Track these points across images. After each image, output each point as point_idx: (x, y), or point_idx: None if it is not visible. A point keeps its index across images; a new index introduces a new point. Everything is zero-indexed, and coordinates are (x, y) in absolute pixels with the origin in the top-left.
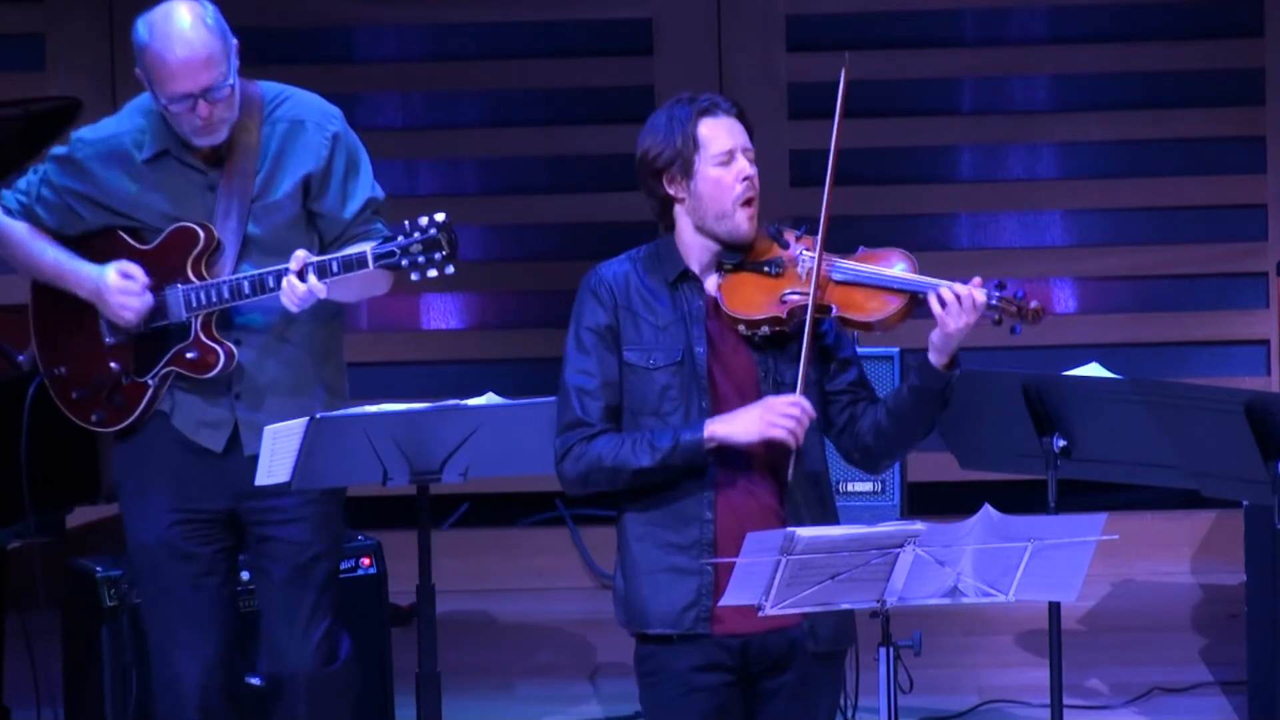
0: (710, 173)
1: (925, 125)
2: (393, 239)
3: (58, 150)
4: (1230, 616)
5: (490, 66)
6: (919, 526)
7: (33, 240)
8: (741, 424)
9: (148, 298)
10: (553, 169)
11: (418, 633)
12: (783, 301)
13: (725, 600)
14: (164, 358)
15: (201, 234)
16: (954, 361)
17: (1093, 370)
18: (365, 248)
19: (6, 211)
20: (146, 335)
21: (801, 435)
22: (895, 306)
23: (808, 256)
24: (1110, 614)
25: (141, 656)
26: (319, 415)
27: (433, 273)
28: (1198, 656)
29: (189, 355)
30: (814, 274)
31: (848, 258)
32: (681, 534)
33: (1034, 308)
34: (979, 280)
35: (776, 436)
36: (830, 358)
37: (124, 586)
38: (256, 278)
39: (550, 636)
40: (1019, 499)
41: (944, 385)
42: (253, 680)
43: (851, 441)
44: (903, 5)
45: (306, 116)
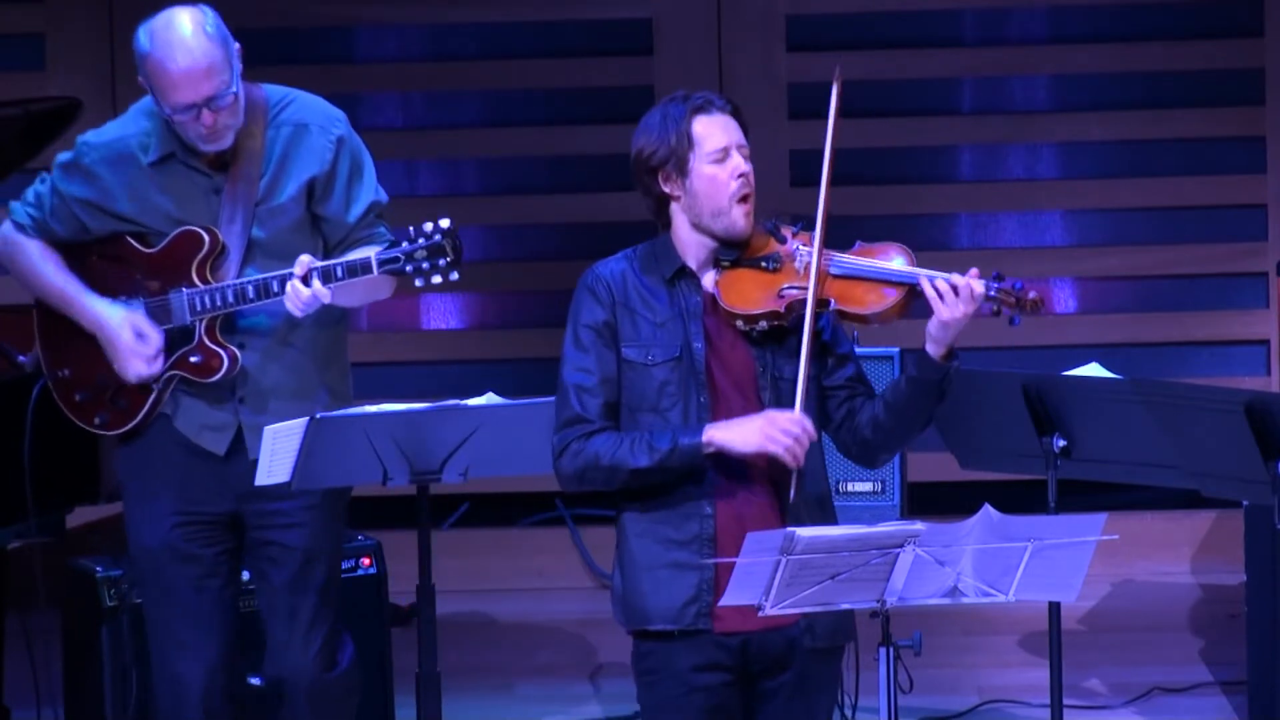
0: (705, 170)
1: (925, 125)
2: (398, 245)
3: (63, 157)
4: (1230, 616)
5: (490, 66)
6: (919, 526)
7: (43, 264)
8: (741, 433)
9: (158, 365)
10: (553, 169)
11: (418, 633)
12: (781, 296)
13: (725, 600)
14: (168, 361)
15: (206, 238)
16: (951, 353)
17: (1093, 370)
18: (370, 253)
19: (18, 228)
20: None
21: (801, 456)
22: (894, 299)
23: (805, 251)
24: (1110, 614)
25: (141, 656)
26: (319, 415)
27: (437, 279)
28: (1198, 656)
29: (193, 359)
30: (813, 268)
31: (845, 252)
32: (681, 530)
33: (1032, 298)
34: (976, 271)
35: (775, 452)
36: (828, 354)
37: (124, 586)
38: (261, 282)
39: (550, 636)
40: (1019, 499)
41: (941, 377)
42: (253, 680)
43: (850, 436)
44: (903, 5)
45: (311, 120)
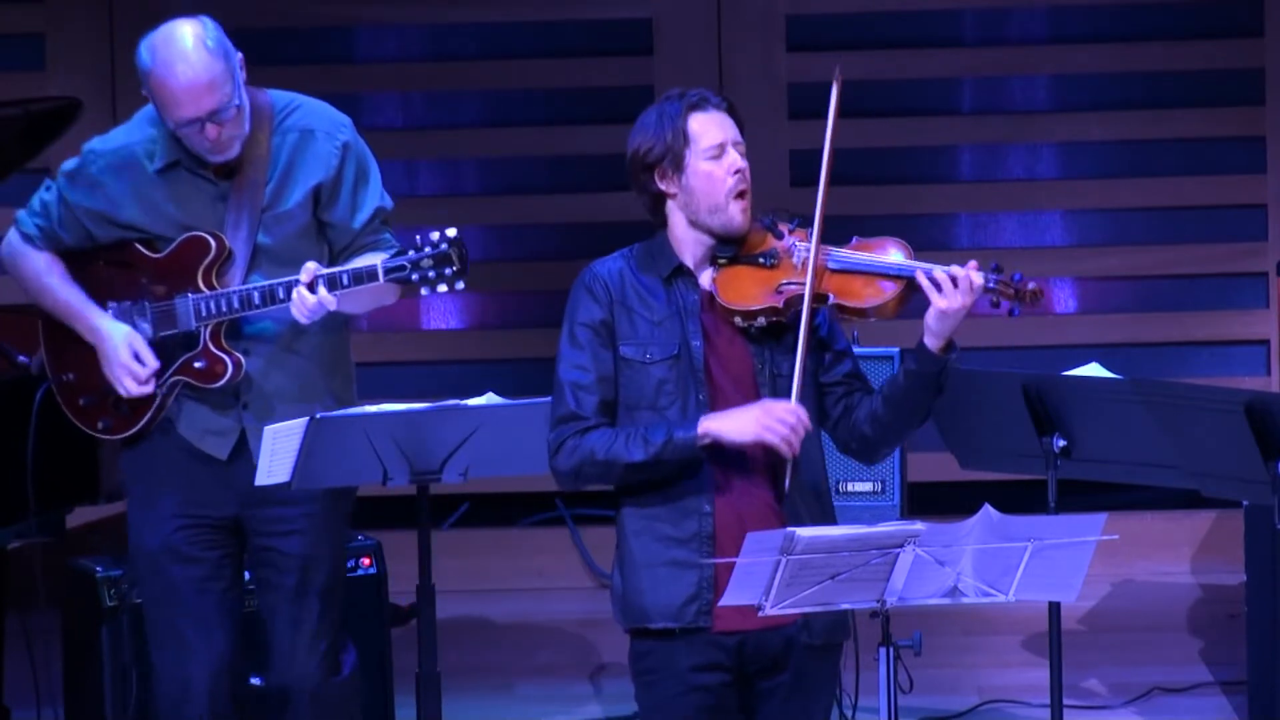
0: (701, 167)
1: (925, 125)
2: (404, 253)
3: (69, 165)
4: (1230, 616)
5: (490, 66)
6: (919, 526)
7: (48, 275)
8: (736, 423)
9: (149, 388)
10: (553, 169)
11: (418, 633)
12: (779, 292)
13: (725, 600)
14: (172, 366)
15: (213, 243)
16: (950, 346)
17: (1093, 370)
18: (376, 261)
19: (25, 238)
20: (155, 344)
21: (797, 445)
22: (892, 292)
23: (802, 247)
24: (1110, 614)
25: (141, 656)
26: (319, 415)
27: (443, 287)
28: (1198, 656)
29: (197, 364)
30: (811, 262)
31: (842, 247)
32: (680, 527)
33: (1031, 289)
34: (975, 263)
35: (770, 442)
36: (825, 350)
37: (124, 586)
38: (267, 288)
39: (550, 636)
40: (1019, 499)
41: (940, 370)
42: (253, 681)
43: (848, 432)
44: (903, 5)
45: (316, 126)
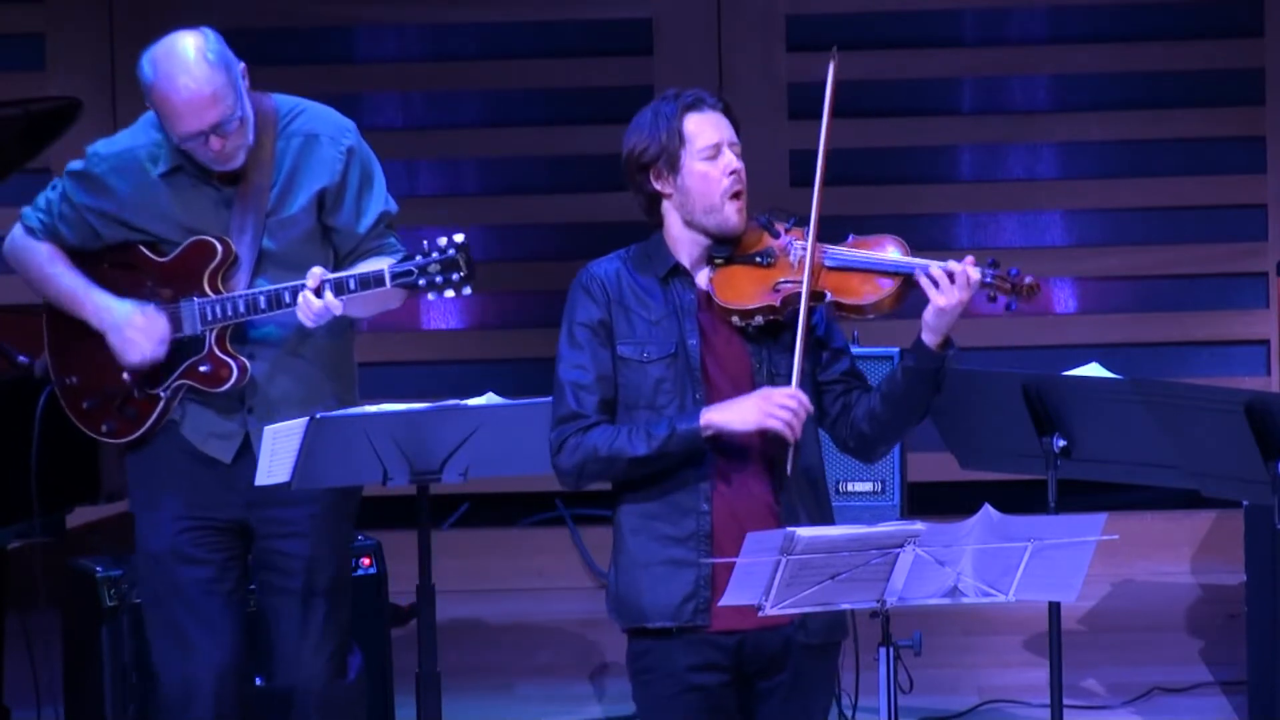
0: (697, 167)
1: (925, 125)
2: (411, 258)
3: (74, 166)
4: (1230, 616)
5: (490, 66)
6: (919, 526)
7: (51, 264)
8: (738, 412)
9: (161, 351)
10: (553, 169)
11: (418, 633)
12: (776, 290)
13: (725, 600)
14: (177, 370)
15: (219, 248)
16: (947, 342)
17: (1093, 370)
18: (383, 266)
19: (29, 231)
20: None
21: (799, 429)
22: (889, 288)
23: (799, 245)
24: (1110, 614)
25: (141, 656)
26: (319, 415)
27: (450, 292)
28: (1198, 656)
29: (202, 369)
30: (808, 260)
31: (839, 245)
32: (678, 526)
33: (1028, 283)
34: (972, 259)
35: (773, 427)
36: (822, 348)
37: (124, 586)
38: (273, 293)
39: (550, 636)
40: (1019, 499)
41: (938, 366)
42: (256, 681)
43: (846, 430)
44: (903, 5)
45: (321, 130)
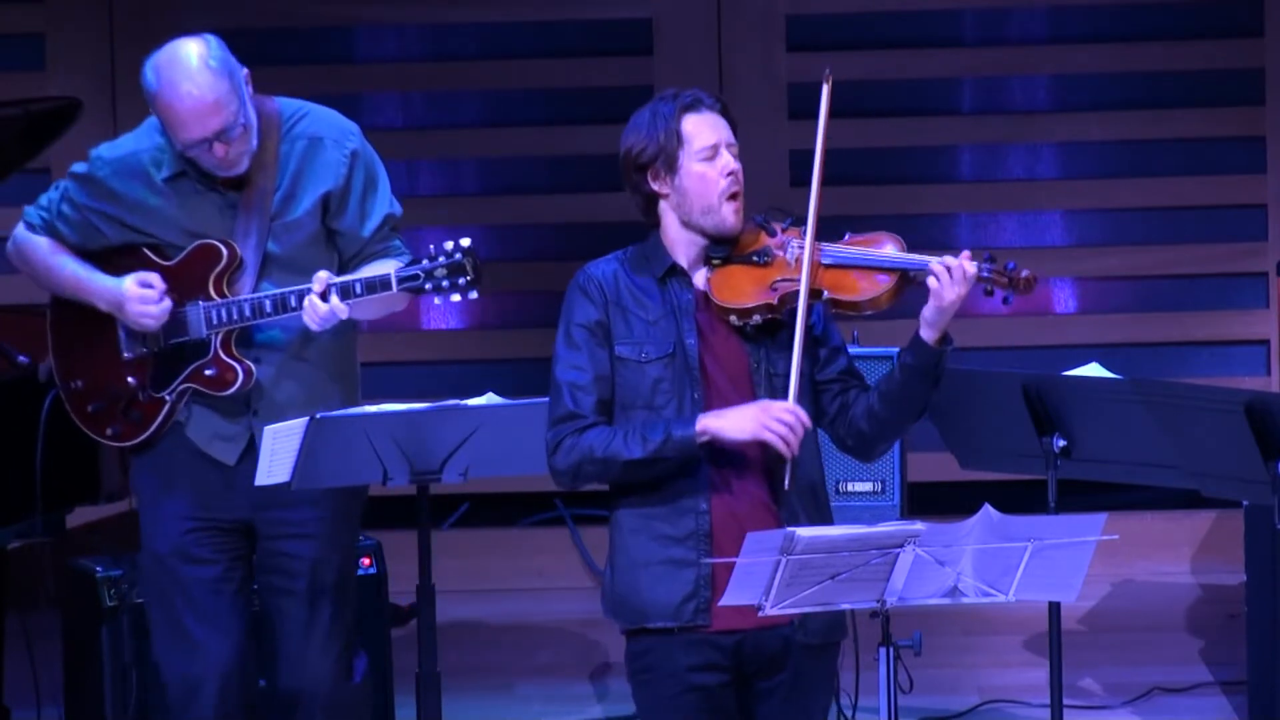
0: (695, 168)
1: (925, 125)
2: (417, 261)
3: (77, 168)
4: (1230, 616)
5: (490, 66)
6: (919, 526)
7: (53, 255)
8: (735, 421)
9: (166, 304)
10: (553, 169)
11: (418, 633)
12: (773, 289)
13: (725, 600)
14: (182, 374)
15: (225, 251)
16: (945, 338)
17: (1093, 370)
18: (389, 270)
19: (29, 227)
20: (165, 351)
21: (795, 445)
22: (886, 285)
23: (796, 244)
24: (1110, 614)
25: (141, 656)
26: (319, 415)
27: (456, 296)
28: (1198, 656)
29: (207, 372)
30: (805, 258)
31: (836, 243)
32: (677, 526)
33: (1025, 276)
34: (968, 253)
35: (769, 440)
36: (820, 347)
37: (124, 586)
38: (279, 297)
39: (550, 636)
40: (1019, 499)
41: (935, 361)
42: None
43: (845, 429)
44: (903, 5)
45: (325, 134)
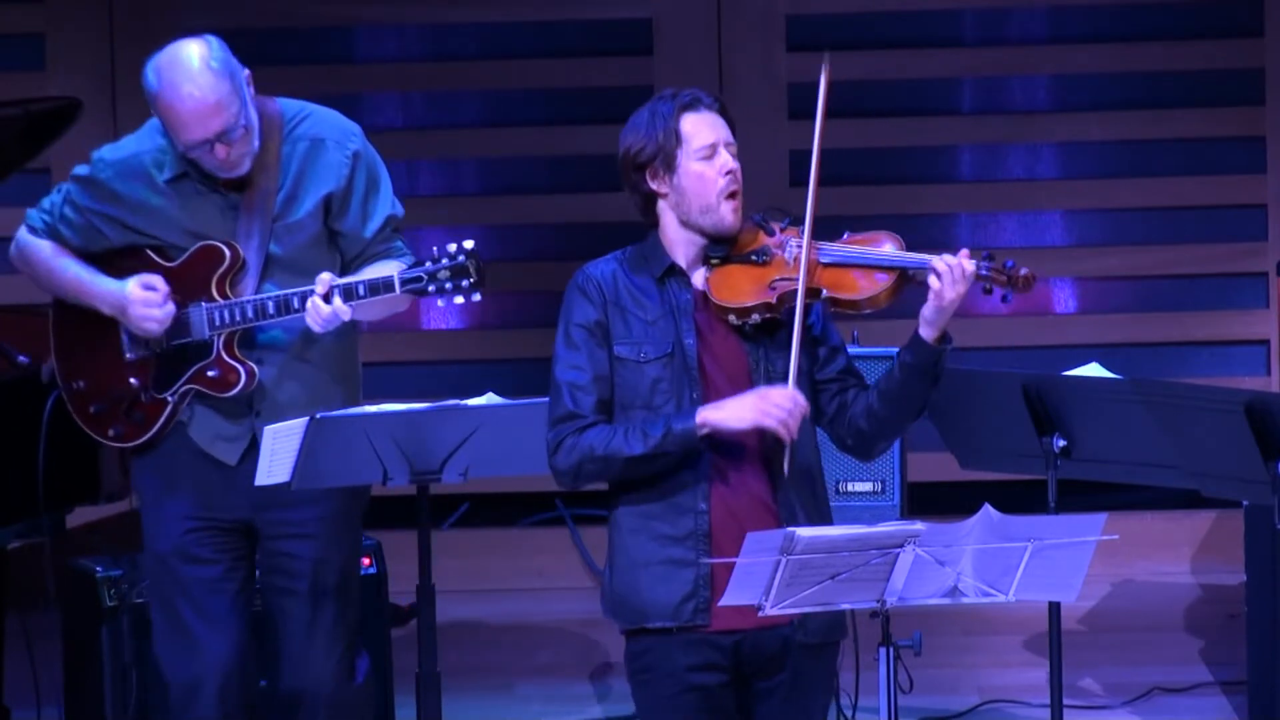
0: (693, 167)
1: (925, 125)
2: (420, 264)
3: (79, 170)
4: (1230, 616)
5: (490, 66)
6: (919, 526)
7: (55, 258)
8: (734, 411)
9: (170, 308)
10: (553, 169)
11: (418, 633)
12: (772, 288)
13: (725, 600)
14: (185, 375)
15: (228, 253)
16: (944, 336)
17: (1093, 370)
18: (392, 272)
19: (31, 230)
20: (167, 352)
21: (795, 429)
22: (885, 283)
23: (794, 243)
24: (1110, 614)
25: (141, 656)
26: (319, 415)
27: (459, 298)
28: (1198, 656)
29: (210, 374)
30: (803, 256)
31: (834, 242)
32: (676, 525)
33: (1024, 274)
34: (967, 252)
35: (769, 426)
36: (819, 346)
37: (124, 586)
38: (281, 298)
39: (550, 636)
40: (1019, 499)
41: (934, 360)
42: (260, 682)
43: (844, 428)
44: (903, 5)
45: (327, 135)
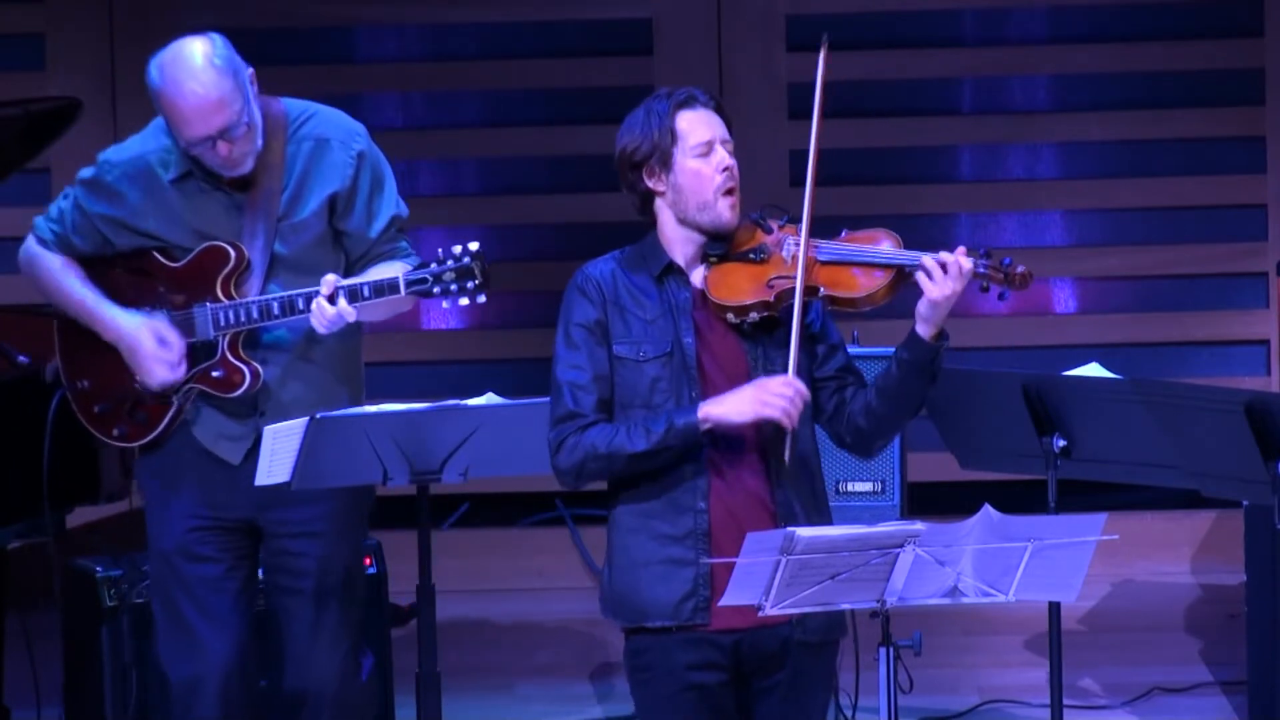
0: (689, 164)
1: (925, 125)
2: (426, 265)
3: (85, 174)
4: (1230, 616)
5: (490, 66)
6: (919, 526)
7: (64, 276)
8: (735, 404)
9: (181, 370)
10: (553, 169)
11: (418, 633)
12: (769, 286)
13: (725, 600)
14: (189, 375)
15: (232, 253)
16: (941, 333)
17: (1093, 370)
18: (396, 273)
19: (41, 242)
20: None
21: (795, 416)
22: (882, 280)
23: (792, 241)
24: (1110, 614)
25: (141, 656)
26: (319, 415)
27: (464, 300)
28: (1198, 656)
29: (215, 374)
30: (801, 254)
31: (832, 240)
32: (675, 524)
33: (1021, 272)
34: (964, 249)
35: (770, 416)
36: (818, 343)
37: (124, 586)
38: (286, 299)
39: (550, 636)
40: (1019, 499)
41: (931, 357)
42: (262, 682)
43: (843, 425)
44: (903, 5)
45: (331, 135)
